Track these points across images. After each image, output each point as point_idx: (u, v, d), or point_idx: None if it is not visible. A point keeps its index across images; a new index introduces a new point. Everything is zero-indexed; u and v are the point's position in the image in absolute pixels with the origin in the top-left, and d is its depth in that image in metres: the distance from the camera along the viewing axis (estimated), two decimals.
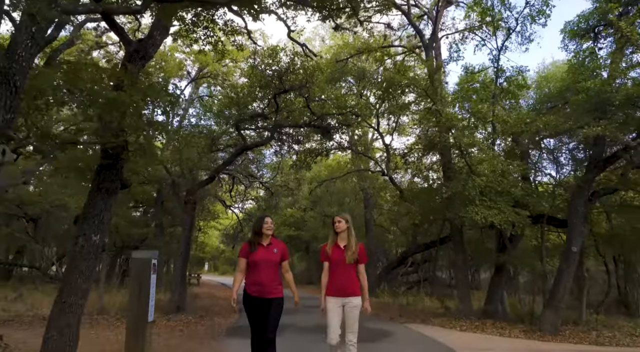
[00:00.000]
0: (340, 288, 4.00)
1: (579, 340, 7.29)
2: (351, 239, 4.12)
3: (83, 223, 4.34)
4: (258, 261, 3.96)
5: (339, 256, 4.04)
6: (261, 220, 4.16)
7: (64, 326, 4.01)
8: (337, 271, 4.04)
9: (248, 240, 4.22)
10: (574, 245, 8.00)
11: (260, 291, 3.93)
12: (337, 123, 11.44)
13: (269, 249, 4.04)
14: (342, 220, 4.20)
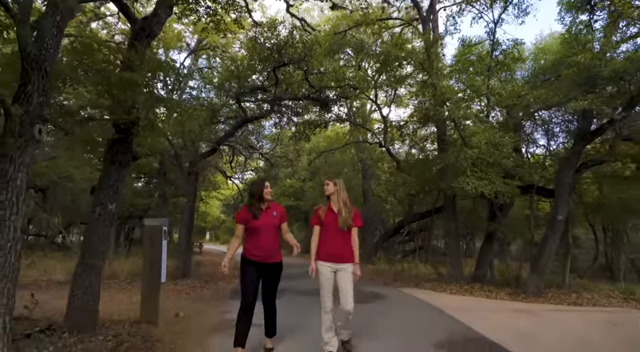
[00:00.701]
0: (333, 254, 3.91)
1: (559, 301, 7.82)
2: (340, 204, 3.98)
3: (99, 193, 4.71)
4: (260, 226, 3.87)
5: (332, 221, 3.94)
6: (262, 184, 4.04)
7: (86, 285, 4.44)
8: (329, 235, 3.94)
9: (246, 205, 4.06)
10: (560, 214, 8.42)
11: (263, 256, 3.87)
12: (336, 96, 11.67)
13: (268, 213, 3.96)
14: (329, 183, 4.09)
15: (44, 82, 2.78)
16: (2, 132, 2.68)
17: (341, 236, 3.92)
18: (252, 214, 3.90)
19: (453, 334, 5.10)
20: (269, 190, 4.02)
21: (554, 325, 5.74)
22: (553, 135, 11.97)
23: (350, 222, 3.94)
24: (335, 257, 3.90)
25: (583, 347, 4.49)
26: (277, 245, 4.01)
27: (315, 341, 4.23)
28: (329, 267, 3.92)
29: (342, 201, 3.99)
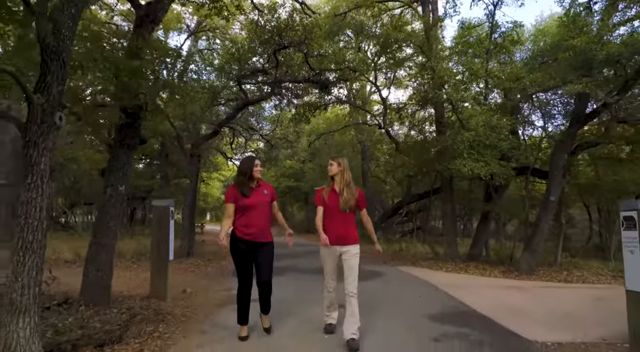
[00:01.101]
0: (336, 236, 3.76)
1: (550, 278, 8.13)
2: (343, 185, 3.85)
3: (110, 175, 4.92)
4: (251, 204, 3.76)
5: (334, 202, 3.83)
6: (251, 161, 3.86)
7: (100, 262, 4.69)
8: (333, 216, 3.83)
9: (235, 183, 3.93)
10: (553, 195, 8.67)
11: (254, 235, 3.76)
12: (335, 78, 11.76)
13: (259, 191, 3.85)
14: (333, 163, 3.92)
15: (62, 72, 2.95)
16: (26, 119, 2.88)
17: (344, 217, 3.81)
18: (241, 193, 3.77)
19: (446, 308, 5.40)
20: (259, 168, 3.87)
21: (543, 300, 6.04)
22: (550, 117, 12.12)
23: (353, 204, 3.81)
24: (338, 239, 3.75)
25: (568, 320, 4.78)
26: (267, 223, 3.89)
27: (316, 320, 4.50)
28: (333, 249, 3.81)
29: (345, 181, 3.85)
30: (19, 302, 2.74)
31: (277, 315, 4.49)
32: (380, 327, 4.34)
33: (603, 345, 3.84)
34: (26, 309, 2.76)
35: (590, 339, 3.99)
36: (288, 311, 4.90)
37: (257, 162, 3.87)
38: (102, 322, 4.05)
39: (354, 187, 3.91)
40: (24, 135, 2.86)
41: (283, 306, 5.00)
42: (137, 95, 4.60)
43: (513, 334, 4.19)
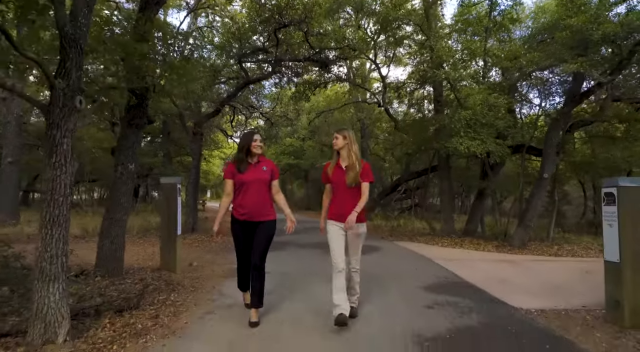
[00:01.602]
0: (342, 213, 3.56)
1: (541, 253, 8.47)
2: (352, 158, 3.63)
3: (119, 154, 5.16)
4: (246, 180, 3.60)
5: (340, 178, 3.65)
6: (250, 136, 3.70)
7: (113, 236, 4.98)
8: (338, 193, 3.68)
9: (234, 159, 3.79)
10: (546, 172, 8.92)
11: (250, 213, 3.62)
12: (335, 56, 11.84)
13: (257, 168, 3.67)
14: (339, 136, 3.70)
15: (80, 58, 3.14)
16: (49, 103, 3.09)
17: (349, 194, 3.61)
18: (238, 169, 3.64)
19: (440, 278, 5.73)
20: (259, 143, 3.66)
21: (531, 272, 6.38)
22: (548, 95, 12.25)
23: (359, 179, 3.59)
24: (344, 216, 3.53)
25: (553, 290, 5.10)
26: (266, 202, 3.70)
27: (315, 297, 4.81)
28: (338, 226, 3.64)
29: (354, 155, 3.64)
30: (48, 270, 3.02)
31: (279, 287, 4.79)
32: (377, 296, 4.65)
33: (582, 311, 4.15)
34: (55, 276, 3.04)
35: (572, 307, 4.31)
36: (291, 285, 5.21)
37: (256, 137, 3.67)
38: (119, 292, 4.36)
39: (360, 161, 3.67)
40: (47, 117, 3.07)
41: (285, 279, 5.32)
42: (144, 78, 4.78)
43: (500, 302, 4.51)
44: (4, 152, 10.48)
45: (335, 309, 3.43)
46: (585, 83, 9.65)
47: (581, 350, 3.12)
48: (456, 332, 3.50)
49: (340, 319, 3.37)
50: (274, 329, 3.53)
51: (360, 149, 19.21)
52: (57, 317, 3.03)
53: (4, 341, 3.04)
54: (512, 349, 3.10)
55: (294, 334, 3.42)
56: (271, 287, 4.71)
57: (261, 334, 3.40)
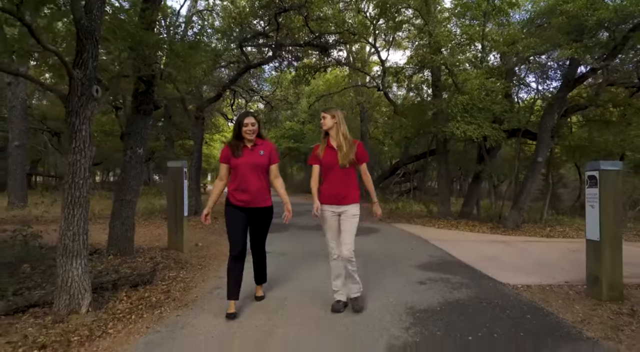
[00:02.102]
0: (335, 195, 3.46)
1: (533, 234, 8.77)
2: (340, 138, 3.48)
3: (129, 139, 5.38)
4: (241, 164, 3.41)
5: (331, 159, 3.47)
6: (241, 119, 3.47)
7: (124, 217, 5.24)
8: (330, 175, 3.50)
9: (229, 142, 3.56)
10: (540, 156, 9.16)
11: (245, 200, 3.43)
12: (335, 41, 11.94)
13: (254, 152, 3.47)
14: (326, 115, 3.53)
15: (96, 49, 3.35)
16: (68, 92, 3.31)
17: (343, 174, 3.47)
18: (233, 153, 3.45)
19: (433, 257, 6.02)
20: (251, 128, 3.42)
21: (521, 251, 6.67)
22: (546, 78, 12.37)
23: (352, 158, 3.46)
24: (336, 198, 3.45)
25: (540, 268, 5.39)
26: (263, 187, 3.52)
27: (315, 274, 5.09)
28: (331, 211, 3.51)
29: (342, 134, 3.48)
30: (71, 247, 3.28)
31: (281, 266, 5.08)
32: (373, 273, 4.95)
33: (565, 286, 4.45)
34: (77, 253, 3.31)
35: (555, 282, 4.61)
36: (292, 264, 5.51)
37: (246, 120, 3.42)
38: (131, 269, 4.65)
39: (351, 140, 3.55)
40: (67, 106, 3.29)
41: (286, 259, 5.61)
42: (151, 65, 4.97)
43: (489, 278, 4.80)
44: (10, 136, 10.68)
45: (334, 294, 3.60)
46: (580, 68, 9.80)
47: (559, 320, 3.41)
48: (446, 304, 3.79)
49: (336, 307, 3.52)
50: (277, 304, 3.81)
51: (360, 132, 19.57)
52: (80, 290, 3.31)
53: (32, 311, 3.33)
54: (496, 319, 3.39)
55: (297, 307, 3.70)
56: (273, 268, 5.01)
57: (265, 308, 3.69)
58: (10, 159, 10.70)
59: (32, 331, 2.93)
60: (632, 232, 8.99)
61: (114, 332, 3.06)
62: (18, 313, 3.27)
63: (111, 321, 3.24)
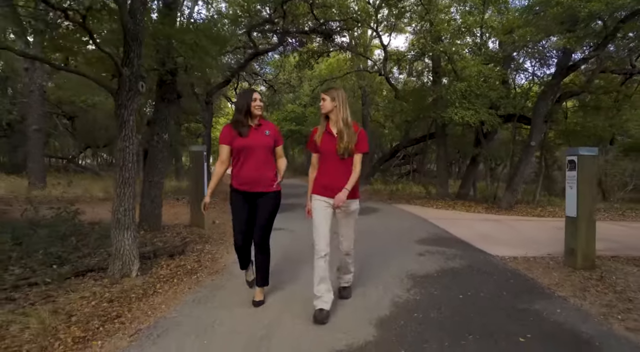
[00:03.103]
0: (330, 187, 3.08)
1: (525, 213, 9.38)
2: (340, 124, 3.06)
3: (155, 126, 5.91)
4: (248, 146, 3.12)
5: (329, 146, 3.10)
6: (249, 95, 3.20)
7: (153, 196, 5.81)
8: (327, 164, 3.13)
9: (231, 121, 3.25)
10: (534, 140, 9.69)
11: (251, 183, 3.16)
12: (339, 27, 12.33)
13: (260, 131, 3.20)
14: (326, 97, 3.10)
15: (140, 49, 3.85)
16: (117, 88, 3.83)
17: (342, 164, 3.08)
18: (237, 132, 3.15)
19: (431, 234, 6.63)
20: (259, 103, 3.19)
21: (512, 229, 7.28)
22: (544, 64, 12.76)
23: (353, 147, 3.05)
24: (335, 191, 3.02)
25: (527, 243, 5.98)
26: (271, 170, 3.24)
27: None
28: (325, 202, 3.12)
29: (342, 120, 3.06)
30: (123, 221, 3.86)
31: (294, 240, 5.66)
32: (377, 247, 5.54)
33: (547, 257, 5.05)
34: (128, 225, 3.89)
35: (539, 254, 5.21)
36: (302, 238, 6.09)
37: (255, 95, 3.19)
38: (163, 242, 5.24)
39: (351, 127, 3.09)
40: (116, 99, 3.81)
41: (294, 236, 6.20)
42: (175, 58, 5.46)
43: (480, 251, 5.41)
44: (29, 120, 11.16)
45: (315, 300, 3.05)
46: (574, 56, 10.24)
47: (537, 283, 4.01)
48: (442, 271, 4.39)
49: (319, 317, 2.97)
50: (293, 268, 4.40)
51: (361, 116, 20.03)
52: (130, 257, 3.90)
53: (90, 275, 3.91)
54: (484, 282, 3.98)
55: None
56: (288, 241, 5.61)
57: (281, 274, 4.28)
58: (29, 142, 11.21)
59: (97, 289, 3.52)
60: (617, 212, 9.61)
61: (163, 291, 3.66)
62: (79, 276, 3.86)
63: (158, 283, 3.84)
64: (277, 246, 4.45)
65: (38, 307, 3.04)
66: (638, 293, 3.69)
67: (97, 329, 2.81)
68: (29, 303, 3.12)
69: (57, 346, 2.54)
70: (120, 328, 2.87)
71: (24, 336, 2.63)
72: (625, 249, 5.57)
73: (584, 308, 3.32)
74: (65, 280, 3.65)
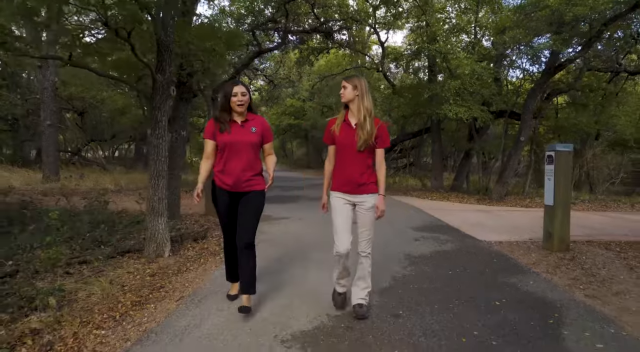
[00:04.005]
0: (350, 181, 2.92)
1: (514, 204, 10.01)
2: (363, 114, 2.87)
3: (174, 123, 6.44)
4: (230, 142, 2.92)
5: (348, 138, 2.90)
6: (228, 88, 2.95)
7: (173, 187, 6.35)
8: (346, 157, 2.93)
9: (214, 116, 3.06)
10: (523, 135, 10.30)
11: (233, 183, 2.95)
12: (339, 26, 12.84)
13: (245, 128, 2.99)
14: (347, 85, 2.93)
15: (171, 58, 4.39)
16: (152, 92, 4.38)
17: (361, 158, 2.90)
18: (219, 128, 2.96)
19: (426, 222, 7.23)
20: (241, 98, 2.92)
21: (500, 218, 7.90)
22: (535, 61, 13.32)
23: (372, 141, 2.87)
24: (352, 186, 2.92)
25: (512, 230, 6.60)
26: (255, 169, 3.03)
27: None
28: (343, 199, 2.97)
29: (365, 109, 2.88)
30: (157, 208, 4.43)
31: (302, 226, 6.25)
32: (377, 233, 6.12)
33: (528, 242, 5.67)
34: (161, 212, 4.46)
35: (522, 239, 5.83)
36: (308, 225, 6.69)
37: (236, 89, 2.92)
38: (184, 228, 5.81)
39: (372, 119, 2.90)
40: (151, 102, 4.37)
41: (303, 222, 6.79)
42: (192, 62, 6.00)
43: (470, 237, 6.01)
44: (42, 116, 11.65)
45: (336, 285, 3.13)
46: (562, 55, 10.82)
47: (517, 262, 4.62)
48: (435, 253, 4.99)
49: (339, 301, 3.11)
50: (304, 251, 5.00)
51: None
52: (163, 240, 4.48)
53: (128, 255, 4.49)
54: (470, 262, 4.59)
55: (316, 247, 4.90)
56: (297, 227, 6.20)
57: (292, 255, 4.87)
58: (43, 137, 11.72)
59: (138, 266, 4.11)
60: (601, 203, 10.26)
61: (193, 268, 4.24)
62: (117, 257, 4.43)
63: (188, 262, 4.42)
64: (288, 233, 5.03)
65: (96, 279, 3.62)
66: (602, 270, 4.31)
67: (147, 296, 3.40)
68: (86, 276, 3.70)
69: (120, 307, 3.12)
70: (166, 296, 3.45)
71: (91, 300, 3.21)
72: (599, 234, 6.20)
73: (554, 281, 3.93)
74: (110, 259, 4.23)
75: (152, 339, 2.63)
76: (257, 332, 2.74)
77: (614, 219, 8.05)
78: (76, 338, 2.61)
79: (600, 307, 3.25)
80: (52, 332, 2.65)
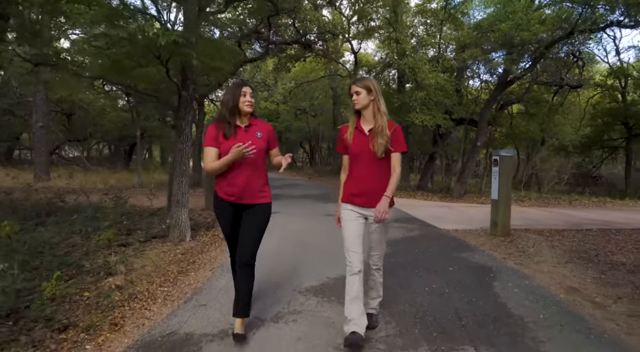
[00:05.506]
0: (363, 193, 2.70)
1: (472, 201, 11.41)
2: (379, 119, 2.67)
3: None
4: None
5: (363, 146, 2.69)
6: (237, 89, 2.74)
7: None
8: (359, 166, 2.74)
9: (217, 120, 2.83)
10: (479, 141, 11.74)
11: (237, 194, 2.73)
12: (317, 38, 13.98)
13: (250, 133, 2.76)
14: (360, 90, 2.69)
15: (193, 77, 5.38)
16: (177, 106, 5.34)
17: (375, 167, 2.70)
18: (223, 134, 2.71)
19: (397, 217, 8.44)
20: (250, 98, 2.75)
21: (459, 212, 9.22)
22: (492, 74, 14.87)
23: (389, 147, 2.65)
24: (365, 198, 2.70)
25: (468, 221, 7.88)
26: (262, 178, 2.84)
27: (314, 213, 7.36)
28: (355, 212, 2.76)
29: (381, 113, 2.69)
30: (181, 200, 5.39)
31: (290, 220, 7.30)
32: None
33: (479, 229, 6.95)
34: (184, 204, 5.43)
35: (474, 228, 7.11)
36: (296, 219, 7.74)
37: (245, 89, 2.75)
38: (191, 220, 6.74)
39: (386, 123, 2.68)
40: (176, 114, 5.33)
41: (293, 216, 7.84)
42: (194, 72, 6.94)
43: (432, 226, 7.25)
44: (34, 118, 12.15)
45: (347, 324, 2.62)
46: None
47: (468, 244, 5.86)
48: (404, 238, 6.17)
49: (352, 340, 2.52)
50: (300, 237, 6.06)
51: (332, 115, 21.74)
52: (185, 227, 5.45)
53: (154, 241, 5.42)
54: (432, 244, 5.78)
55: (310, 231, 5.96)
56: (291, 222, 7.25)
57: (295, 239, 5.93)
58: (35, 138, 12.22)
59: (168, 248, 5.07)
60: (544, 201, 11.81)
61: (212, 249, 5.24)
62: (146, 242, 5.35)
63: (206, 245, 5.41)
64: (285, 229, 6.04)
65: (141, 256, 4.56)
66: (531, 248, 5.61)
67: (186, 267, 4.38)
68: (131, 255, 4.63)
69: (169, 274, 4.10)
70: (200, 267, 4.45)
71: (146, 270, 4.18)
72: (536, 225, 7.57)
73: (494, 255, 5.17)
74: (143, 243, 5.16)
75: (204, 292, 3.65)
76: (281, 285, 3.80)
77: (552, 213, 9.52)
78: (149, 292, 3.60)
79: (523, 270, 4.50)
80: (131, 288, 3.63)
